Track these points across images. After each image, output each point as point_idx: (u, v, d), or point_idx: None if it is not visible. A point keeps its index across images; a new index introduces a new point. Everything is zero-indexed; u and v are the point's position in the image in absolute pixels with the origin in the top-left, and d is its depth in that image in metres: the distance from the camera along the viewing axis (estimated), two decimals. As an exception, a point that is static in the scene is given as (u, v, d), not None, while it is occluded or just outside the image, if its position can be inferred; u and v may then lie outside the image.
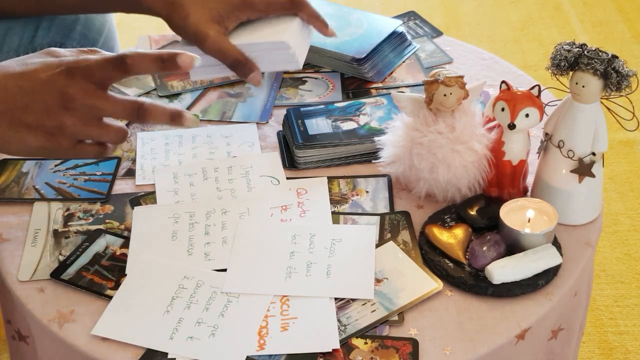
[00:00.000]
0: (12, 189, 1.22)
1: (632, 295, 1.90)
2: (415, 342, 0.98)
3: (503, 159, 1.12)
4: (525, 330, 1.00)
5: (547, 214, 1.08)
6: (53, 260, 1.10)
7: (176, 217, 1.16)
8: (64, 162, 1.27)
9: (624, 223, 2.09)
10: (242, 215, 1.16)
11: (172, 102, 1.40)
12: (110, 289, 1.05)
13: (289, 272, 1.06)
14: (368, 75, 1.42)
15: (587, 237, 1.12)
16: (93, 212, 1.18)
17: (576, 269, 1.08)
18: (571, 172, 1.10)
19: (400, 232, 1.12)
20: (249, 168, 1.25)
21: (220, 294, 1.04)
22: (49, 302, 1.04)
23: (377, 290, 1.04)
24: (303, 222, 1.15)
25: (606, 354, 1.76)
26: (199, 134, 1.32)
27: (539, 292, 1.04)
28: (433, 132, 1.11)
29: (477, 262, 1.05)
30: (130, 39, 2.60)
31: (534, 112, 1.08)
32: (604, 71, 1.04)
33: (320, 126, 1.27)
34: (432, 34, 1.56)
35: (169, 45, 1.54)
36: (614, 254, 2.00)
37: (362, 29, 1.47)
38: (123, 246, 1.12)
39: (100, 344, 0.99)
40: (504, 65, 1.47)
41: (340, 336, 0.98)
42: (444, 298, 1.04)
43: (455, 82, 1.10)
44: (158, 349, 0.98)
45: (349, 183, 1.21)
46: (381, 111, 1.31)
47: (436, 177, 1.13)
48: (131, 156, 1.29)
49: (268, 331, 0.99)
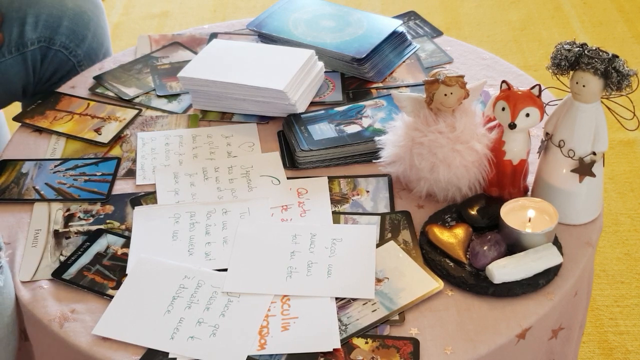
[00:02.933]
0: (12, 189, 1.22)
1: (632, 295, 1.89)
2: (416, 342, 0.98)
3: (503, 158, 1.12)
4: (525, 330, 1.00)
5: (547, 214, 1.08)
6: (54, 260, 1.10)
7: (177, 217, 1.16)
8: (64, 163, 1.27)
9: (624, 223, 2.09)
10: (243, 215, 1.16)
11: (171, 102, 1.40)
12: (111, 288, 1.06)
13: (290, 272, 1.06)
14: (368, 75, 1.42)
15: (587, 236, 1.12)
16: (93, 212, 1.18)
17: (576, 268, 1.08)
18: (571, 171, 1.10)
19: (401, 232, 1.12)
20: (249, 168, 1.25)
21: (221, 294, 1.04)
22: (50, 302, 1.04)
23: (378, 290, 1.04)
24: (304, 221, 1.15)
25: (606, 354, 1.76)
26: (200, 134, 1.32)
27: (539, 291, 1.04)
28: (433, 132, 1.11)
29: (477, 262, 1.05)
30: (130, 39, 2.60)
31: (535, 112, 1.08)
32: (605, 71, 1.04)
33: (324, 131, 1.28)
34: (432, 34, 1.56)
35: (169, 45, 1.55)
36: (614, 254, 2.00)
37: (362, 29, 1.47)
38: (124, 246, 1.12)
39: (101, 344, 0.99)
40: (504, 65, 1.47)
41: (341, 336, 0.98)
42: (444, 298, 1.04)
43: (456, 82, 1.10)
44: (159, 348, 0.98)
45: (349, 183, 1.22)
46: (382, 112, 1.31)
47: (437, 176, 1.13)
48: (131, 156, 1.29)
49: (269, 331, 0.99)
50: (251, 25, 1.52)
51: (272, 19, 1.52)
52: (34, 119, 1.37)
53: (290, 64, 1.34)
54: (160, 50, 1.53)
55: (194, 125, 1.35)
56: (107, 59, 1.54)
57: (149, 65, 1.49)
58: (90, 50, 1.54)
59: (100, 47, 1.56)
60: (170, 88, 1.43)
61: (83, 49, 1.53)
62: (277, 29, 1.49)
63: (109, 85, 1.44)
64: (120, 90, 1.43)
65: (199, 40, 1.56)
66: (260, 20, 1.52)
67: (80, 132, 1.33)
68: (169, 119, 1.36)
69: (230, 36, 1.56)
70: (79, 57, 1.53)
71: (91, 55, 1.54)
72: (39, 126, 1.35)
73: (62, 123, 1.35)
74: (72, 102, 1.41)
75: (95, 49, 1.55)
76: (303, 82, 1.34)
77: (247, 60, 1.38)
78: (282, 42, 1.46)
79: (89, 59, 1.53)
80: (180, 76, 1.36)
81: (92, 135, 1.33)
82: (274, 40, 1.48)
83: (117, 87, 1.44)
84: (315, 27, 1.48)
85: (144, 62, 1.50)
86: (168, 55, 1.52)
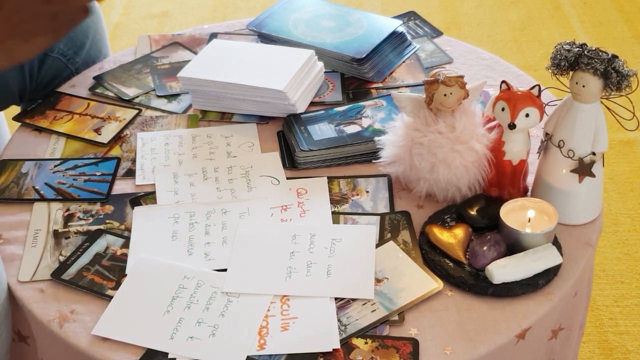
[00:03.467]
0: (12, 189, 1.22)
1: (632, 295, 1.90)
2: (416, 342, 0.98)
3: (503, 158, 1.12)
4: (525, 330, 1.00)
5: (547, 214, 1.08)
6: (53, 260, 1.10)
7: (176, 217, 1.16)
8: (64, 163, 1.27)
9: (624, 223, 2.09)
10: (242, 215, 1.16)
11: (171, 102, 1.40)
12: (110, 289, 1.05)
13: (289, 272, 1.06)
14: (368, 75, 1.42)
15: (587, 237, 1.12)
16: (93, 212, 1.18)
17: (576, 268, 1.08)
18: (571, 172, 1.10)
19: (401, 232, 1.12)
20: (249, 168, 1.25)
21: (221, 294, 1.04)
22: (49, 302, 1.04)
23: (378, 290, 1.04)
24: (303, 222, 1.15)
25: (606, 354, 1.76)
26: (199, 134, 1.32)
27: (539, 292, 1.04)
28: (433, 132, 1.11)
29: (477, 262, 1.05)
30: (130, 39, 2.60)
31: (534, 112, 1.08)
32: (604, 71, 1.04)
33: (324, 131, 1.28)
34: (432, 34, 1.56)
35: (169, 45, 1.55)
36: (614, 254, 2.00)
37: (362, 29, 1.47)
38: (123, 246, 1.12)
39: (100, 344, 0.99)
40: (504, 65, 1.47)
41: (341, 336, 0.98)
42: (444, 298, 1.04)
43: (456, 82, 1.10)
44: (158, 348, 0.98)
45: (349, 183, 1.21)
46: (382, 113, 1.31)
47: (436, 177, 1.13)
48: (131, 156, 1.29)
49: (268, 331, 0.99)
50: (251, 25, 1.52)
51: (272, 19, 1.52)
52: (34, 118, 1.37)
53: (290, 64, 1.34)
54: (160, 50, 1.53)
55: (194, 125, 1.35)
56: (107, 59, 1.54)
57: (148, 65, 1.49)
58: (89, 57, 1.53)
59: (98, 54, 1.55)
60: (170, 88, 1.43)
61: (81, 56, 1.52)
62: (277, 29, 1.49)
63: (108, 85, 1.44)
64: (120, 90, 1.43)
65: (199, 40, 1.56)
66: (260, 20, 1.52)
67: (80, 132, 1.33)
68: (169, 119, 1.36)
69: (230, 36, 1.56)
70: (77, 64, 1.52)
71: (89, 63, 1.53)
72: (38, 126, 1.35)
73: (62, 123, 1.35)
74: (72, 102, 1.41)
75: (93, 56, 1.54)
76: (303, 82, 1.34)
77: (247, 60, 1.38)
78: (282, 42, 1.46)
79: (86, 66, 1.52)
80: (180, 76, 1.36)
81: (92, 135, 1.33)
82: (274, 41, 1.48)
83: (117, 87, 1.44)
84: (315, 27, 1.48)
85: (143, 62, 1.50)
86: (168, 55, 1.52)
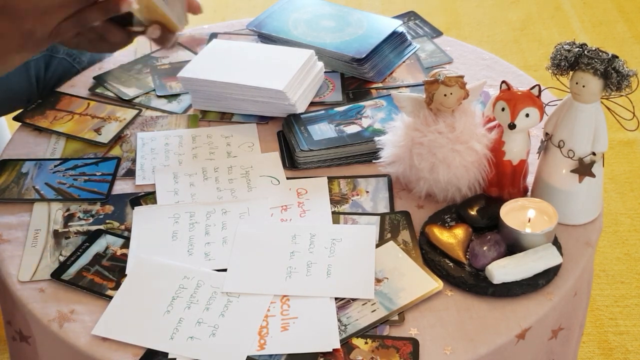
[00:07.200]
0: (12, 189, 1.22)
1: (632, 295, 1.90)
2: (416, 342, 0.98)
3: (503, 158, 1.12)
4: (525, 330, 1.00)
5: (547, 214, 1.08)
6: (53, 260, 1.10)
7: (176, 217, 1.16)
8: (64, 163, 1.27)
9: (624, 223, 2.09)
10: (242, 215, 1.16)
11: (171, 102, 1.40)
12: (110, 289, 1.05)
13: (289, 272, 1.06)
14: (368, 76, 1.42)
15: (587, 237, 1.12)
16: (93, 212, 1.18)
17: (576, 268, 1.08)
18: (571, 172, 1.10)
19: (401, 232, 1.12)
20: (249, 168, 1.25)
21: (221, 294, 1.04)
22: (49, 303, 1.04)
23: (378, 290, 1.04)
24: (303, 222, 1.15)
25: (606, 354, 1.76)
26: (199, 134, 1.32)
27: (539, 292, 1.04)
28: (433, 132, 1.11)
29: (477, 262, 1.05)
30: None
31: (534, 112, 1.08)
32: (604, 71, 1.04)
33: (324, 131, 1.27)
34: (432, 34, 1.56)
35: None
36: (614, 254, 2.00)
37: (362, 29, 1.47)
38: (123, 246, 1.12)
39: (100, 344, 0.99)
40: (504, 65, 1.47)
41: (341, 336, 0.98)
42: (444, 298, 1.04)
43: (456, 82, 1.10)
44: (158, 349, 0.98)
45: (349, 183, 1.21)
46: (382, 113, 1.31)
47: (436, 177, 1.13)
48: (131, 156, 1.29)
49: (268, 331, 0.99)
50: (251, 25, 1.52)
51: (272, 19, 1.52)
52: (34, 118, 1.37)
53: (290, 64, 1.34)
54: (160, 50, 1.53)
55: (194, 125, 1.35)
56: (107, 59, 1.53)
57: (148, 66, 1.49)
58: (94, 55, 1.53)
59: (100, 59, 1.55)
60: (170, 88, 1.43)
61: (87, 55, 1.53)
62: (276, 29, 1.49)
63: (109, 85, 1.44)
64: (120, 90, 1.43)
65: (199, 40, 1.56)
66: (260, 20, 1.52)
67: (80, 132, 1.33)
68: (169, 119, 1.36)
69: (230, 36, 1.56)
70: (83, 63, 1.53)
71: (95, 61, 1.53)
72: (39, 126, 1.35)
73: (62, 123, 1.35)
74: (72, 102, 1.40)
75: (97, 54, 1.54)
76: (303, 82, 1.34)
77: (247, 60, 1.38)
78: (282, 42, 1.46)
79: (93, 64, 1.52)
80: (180, 76, 1.36)
81: (92, 135, 1.33)
82: (274, 41, 1.48)
83: (117, 87, 1.44)
84: (315, 27, 1.48)
85: (143, 62, 1.50)
86: (168, 55, 1.52)
